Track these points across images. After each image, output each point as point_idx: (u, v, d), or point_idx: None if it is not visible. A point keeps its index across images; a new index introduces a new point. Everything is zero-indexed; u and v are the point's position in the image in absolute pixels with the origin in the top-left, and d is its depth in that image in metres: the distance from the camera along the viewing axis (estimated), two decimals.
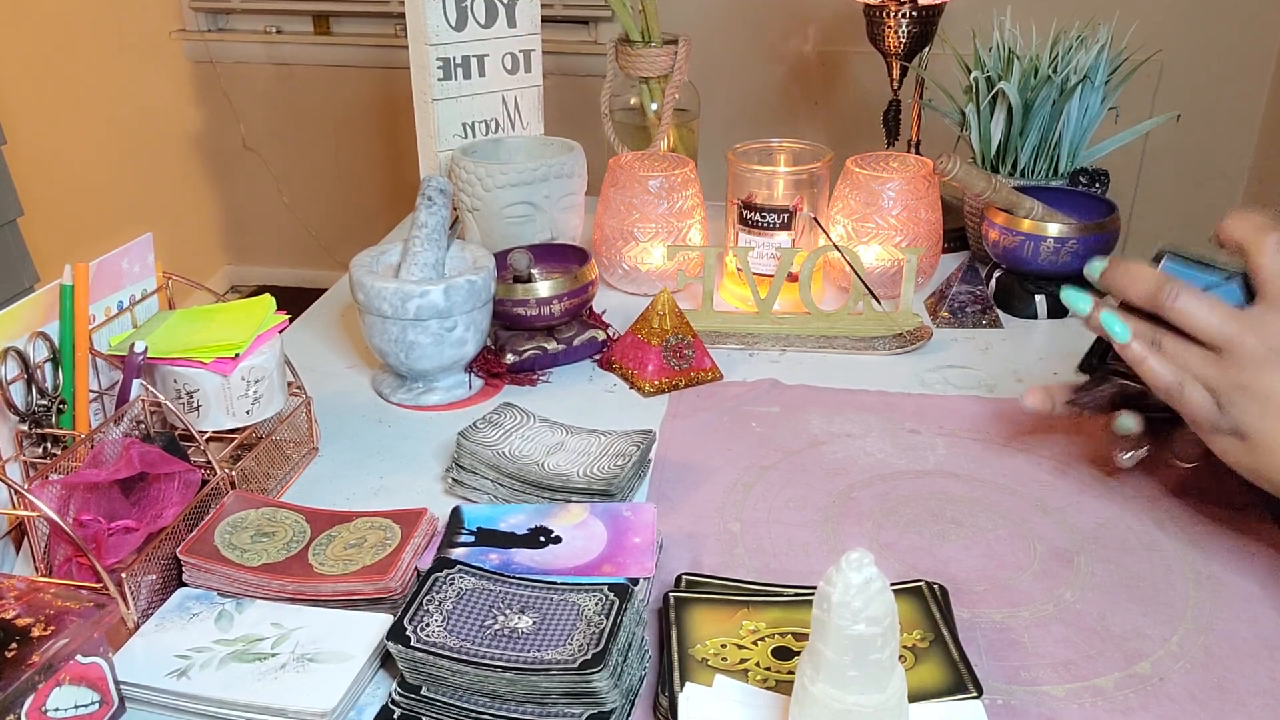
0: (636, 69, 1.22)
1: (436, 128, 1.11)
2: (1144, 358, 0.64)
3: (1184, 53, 2.20)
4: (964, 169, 0.99)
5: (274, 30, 2.80)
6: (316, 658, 0.59)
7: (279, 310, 0.80)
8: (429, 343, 0.86)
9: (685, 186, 1.07)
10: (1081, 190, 1.10)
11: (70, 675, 0.53)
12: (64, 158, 2.91)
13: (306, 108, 2.86)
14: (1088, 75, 1.08)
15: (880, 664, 0.46)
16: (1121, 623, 0.63)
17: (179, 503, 0.67)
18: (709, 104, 1.39)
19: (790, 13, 2.39)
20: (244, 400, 0.75)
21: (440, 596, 0.59)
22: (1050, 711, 0.56)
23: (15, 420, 0.69)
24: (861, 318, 0.99)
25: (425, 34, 1.06)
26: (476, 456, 0.75)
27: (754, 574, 0.68)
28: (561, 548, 0.66)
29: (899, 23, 1.23)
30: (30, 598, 0.55)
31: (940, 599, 0.62)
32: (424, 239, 0.89)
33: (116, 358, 0.74)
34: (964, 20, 1.29)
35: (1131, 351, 0.64)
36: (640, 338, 0.93)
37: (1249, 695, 0.57)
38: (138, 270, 0.79)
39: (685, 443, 0.83)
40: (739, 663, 0.57)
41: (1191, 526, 0.71)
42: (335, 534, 0.68)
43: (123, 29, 2.82)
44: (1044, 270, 1.02)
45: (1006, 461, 0.80)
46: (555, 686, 0.54)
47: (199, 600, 0.64)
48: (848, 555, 0.45)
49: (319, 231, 3.02)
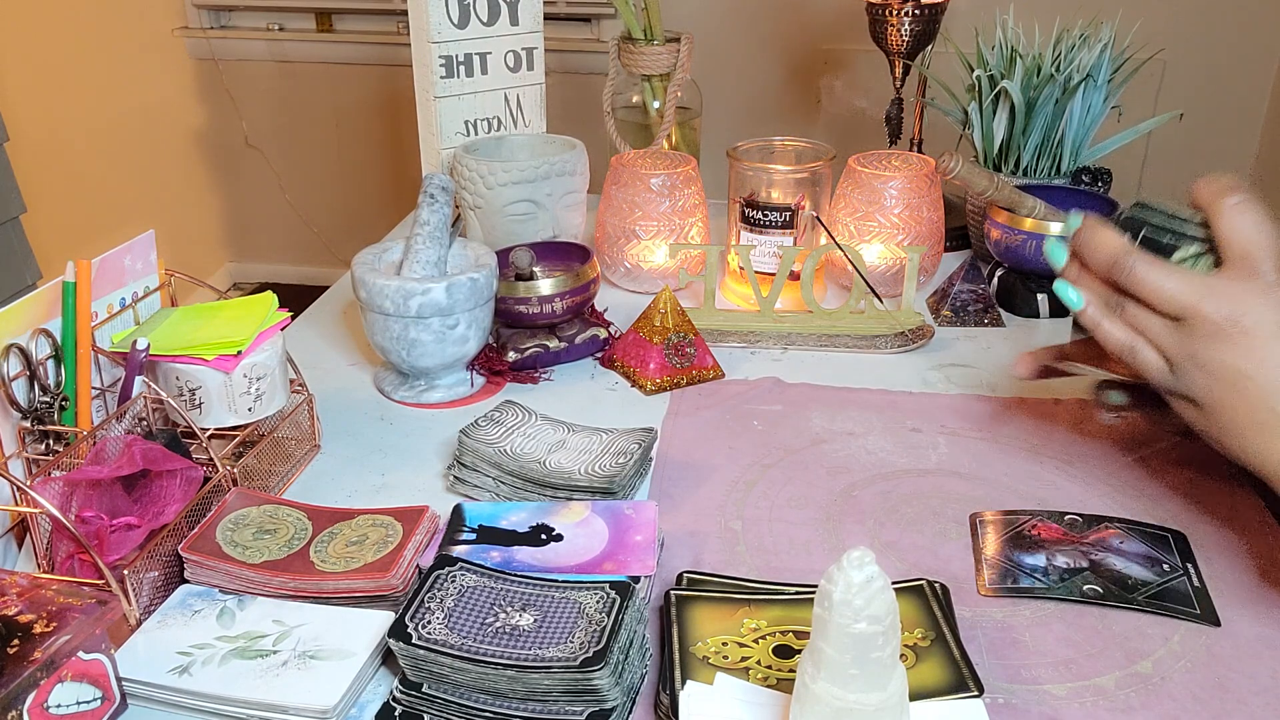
0: (639, 67, 1.22)
1: (439, 125, 1.11)
2: (1098, 322, 0.65)
3: (1187, 51, 2.20)
4: (966, 167, 0.99)
5: (276, 27, 2.80)
6: (318, 655, 0.59)
7: (281, 307, 0.80)
8: (431, 340, 0.86)
9: (687, 185, 1.07)
10: (1084, 189, 1.10)
11: (72, 672, 0.54)
12: (67, 155, 2.91)
13: (309, 105, 2.86)
14: (1090, 74, 1.08)
15: (881, 662, 0.46)
16: (1123, 621, 0.63)
17: (181, 500, 0.68)
18: (711, 102, 1.39)
19: (793, 11, 2.39)
20: (246, 397, 0.75)
21: (442, 594, 0.59)
22: (1051, 710, 0.56)
23: (18, 417, 0.69)
24: (863, 316, 0.99)
25: (428, 31, 1.06)
26: (478, 454, 0.75)
27: (755, 572, 0.68)
28: (563, 545, 0.66)
29: (902, 21, 1.23)
30: (32, 594, 0.55)
31: (941, 597, 0.62)
32: (426, 236, 0.89)
33: (119, 355, 0.74)
34: (967, 19, 1.29)
35: (1086, 316, 0.66)
36: (642, 336, 0.93)
37: (1250, 694, 0.57)
38: (140, 267, 0.80)
39: (687, 441, 0.83)
40: (740, 661, 0.57)
41: (1193, 525, 0.71)
42: (337, 531, 0.68)
43: (125, 26, 2.82)
44: (1046, 270, 1.02)
45: (1008, 460, 0.80)
46: (556, 684, 0.54)
47: (201, 597, 0.64)
48: (849, 553, 0.45)
49: (321, 229, 3.02)
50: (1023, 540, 0.70)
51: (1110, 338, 0.64)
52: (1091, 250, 0.65)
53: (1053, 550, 0.68)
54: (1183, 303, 0.60)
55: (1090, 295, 0.66)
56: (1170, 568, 0.67)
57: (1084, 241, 0.65)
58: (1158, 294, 0.61)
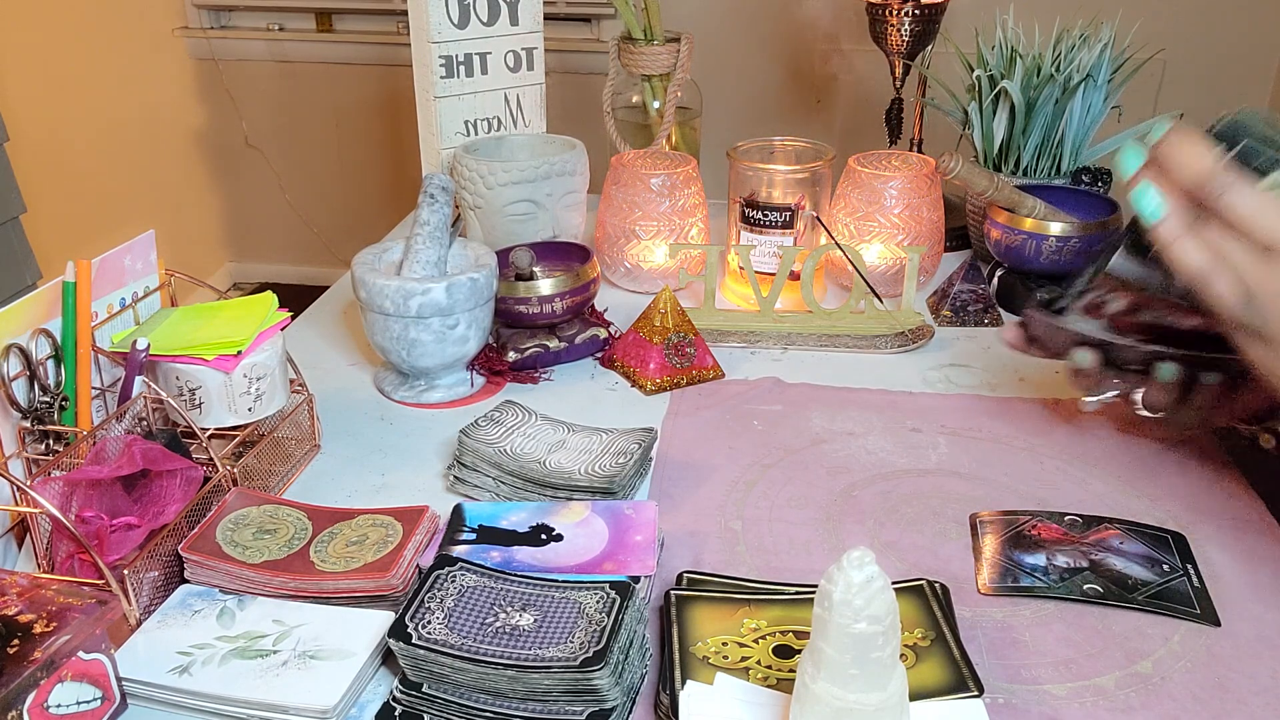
0: (639, 67, 1.22)
1: (439, 125, 1.11)
2: (1176, 238, 0.60)
3: (1187, 51, 2.20)
4: (966, 167, 0.99)
5: (276, 27, 2.80)
6: (318, 655, 0.59)
7: (281, 307, 0.80)
8: (431, 340, 0.86)
9: (687, 184, 1.07)
10: (1084, 189, 1.10)
11: (72, 671, 0.54)
12: (67, 155, 2.91)
13: (309, 105, 2.86)
14: (1090, 74, 1.08)
15: (881, 662, 0.46)
16: (1122, 621, 0.63)
17: (181, 500, 0.68)
18: (711, 102, 1.39)
19: (793, 11, 2.39)
20: (246, 397, 0.75)
21: (442, 594, 0.59)
22: (1051, 710, 0.56)
23: (18, 417, 0.69)
24: (863, 316, 0.99)
25: (428, 31, 1.06)
26: (478, 454, 0.75)
27: (755, 572, 0.68)
28: (563, 545, 0.66)
29: (901, 21, 1.23)
30: (32, 594, 0.55)
31: (941, 597, 0.62)
32: (426, 236, 0.89)
33: (119, 355, 0.74)
34: (967, 18, 1.29)
35: (1163, 231, 0.60)
36: (642, 336, 0.93)
37: (1250, 694, 0.57)
38: (140, 267, 0.80)
39: (687, 441, 0.83)
40: (740, 661, 0.57)
41: (1193, 525, 0.71)
42: (337, 531, 0.68)
43: (125, 26, 2.82)
44: (1046, 269, 1.02)
45: (1008, 460, 0.80)
46: (556, 684, 0.54)
47: (201, 597, 0.64)
48: (849, 553, 0.45)
49: (321, 229, 3.02)
50: (1023, 540, 0.70)
51: (1186, 258, 0.59)
52: (1180, 162, 0.59)
53: (1053, 550, 0.68)
54: (1278, 233, 0.56)
55: (1171, 207, 0.60)
56: (1170, 568, 0.67)
57: (1173, 152, 0.59)
58: (1252, 220, 0.57)
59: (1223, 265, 0.58)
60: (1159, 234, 0.61)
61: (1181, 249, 0.60)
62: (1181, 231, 0.60)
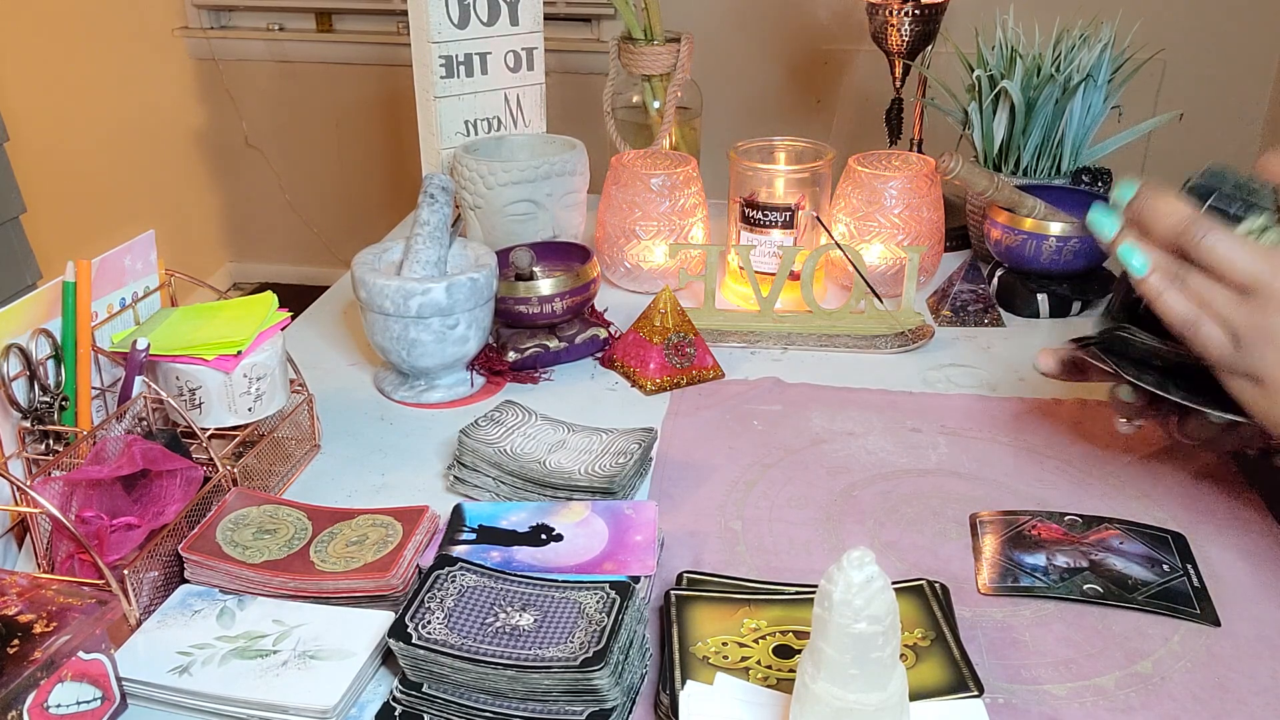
0: (639, 67, 1.22)
1: (439, 125, 1.11)
2: (1161, 291, 0.61)
3: (1187, 52, 2.20)
4: (966, 167, 0.99)
5: (276, 27, 2.80)
6: (318, 655, 0.59)
7: (281, 308, 0.80)
8: (431, 340, 0.86)
9: (687, 185, 1.07)
10: (1084, 189, 1.10)
11: (72, 671, 0.54)
12: (67, 155, 2.91)
13: (309, 105, 2.86)
14: (1090, 74, 1.08)
15: (881, 662, 0.46)
16: (1122, 621, 0.63)
17: (181, 500, 0.68)
18: (711, 102, 1.39)
19: (793, 11, 2.39)
20: (246, 397, 0.75)
21: (442, 594, 0.59)
22: (1051, 710, 0.56)
23: (18, 417, 0.69)
24: (863, 316, 0.99)
25: (428, 31, 1.06)
26: (478, 454, 0.75)
27: (755, 572, 0.68)
28: (563, 545, 0.66)
29: (902, 21, 1.23)
30: (32, 594, 0.55)
31: (941, 597, 0.62)
32: (426, 236, 0.89)
33: (119, 355, 0.74)
34: (967, 19, 1.29)
35: (1149, 285, 0.62)
36: (642, 336, 0.93)
37: (1251, 694, 0.57)
38: (140, 267, 0.80)
39: (687, 441, 0.83)
40: (740, 661, 0.57)
41: (1193, 525, 0.71)
42: (337, 531, 0.68)
43: (125, 26, 2.82)
44: (1046, 269, 1.02)
45: (1008, 460, 0.80)
46: (556, 684, 0.54)
47: (201, 597, 0.64)
48: (849, 553, 0.45)
49: (321, 229, 3.02)
50: (1023, 540, 0.70)
51: (1172, 310, 0.61)
52: (1156, 217, 0.61)
53: (1053, 550, 0.68)
54: (1256, 274, 0.58)
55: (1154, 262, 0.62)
56: (1170, 568, 0.67)
57: (1148, 208, 0.62)
58: (1229, 265, 0.58)
59: (1207, 312, 0.60)
60: (1145, 289, 0.62)
61: (1166, 302, 0.62)
62: (1166, 284, 0.62)
